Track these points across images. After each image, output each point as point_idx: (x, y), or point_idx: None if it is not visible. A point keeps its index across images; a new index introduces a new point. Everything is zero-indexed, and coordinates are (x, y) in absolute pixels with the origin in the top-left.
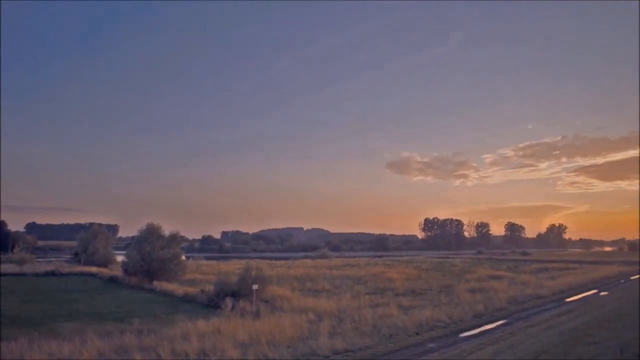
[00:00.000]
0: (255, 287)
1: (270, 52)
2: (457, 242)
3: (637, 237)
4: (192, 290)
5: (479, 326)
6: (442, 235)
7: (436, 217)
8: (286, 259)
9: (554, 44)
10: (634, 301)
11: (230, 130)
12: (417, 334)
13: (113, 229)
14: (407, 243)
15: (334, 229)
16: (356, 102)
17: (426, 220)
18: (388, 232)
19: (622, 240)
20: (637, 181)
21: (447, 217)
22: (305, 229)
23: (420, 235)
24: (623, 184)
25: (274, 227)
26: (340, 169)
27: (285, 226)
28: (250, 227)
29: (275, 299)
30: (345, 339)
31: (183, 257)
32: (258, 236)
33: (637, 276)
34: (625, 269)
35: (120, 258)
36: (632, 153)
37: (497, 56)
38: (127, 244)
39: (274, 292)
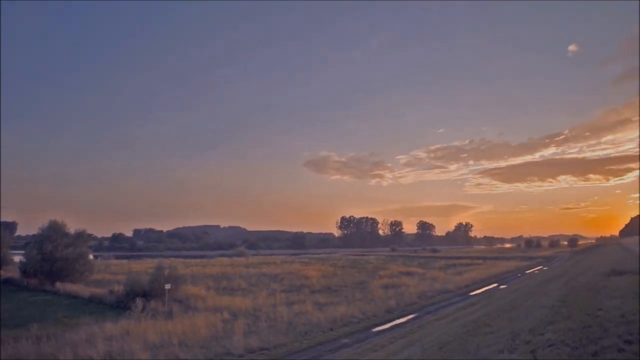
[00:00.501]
0: (168, 286)
1: (189, 44)
2: (372, 240)
3: (533, 235)
4: (99, 291)
5: (391, 321)
6: (358, 233)
7: (352, 216)
8: (202, 257)
9: (464, 51)
10: (527, 292)
11: (146, 125)
12: (332, 330)
13: (10, 227)
14: (324, 241)
15: (251, 226)
16: (276, 100)
17: (343, 218)
18: (306, 230)
19: (520, 237)
20: (535, 184)
21: (362, 216)
22: (222, 227)
23: (337, 233)
24: (522, 186)
25: (190, 224)
26: (259, 167)
27: (201, 224)
28: (165, 225)
29: (189, 298)
30: (260, 337)
31: (90, 257)
32: (173, 234)
33: (532, 270)
34: (522, 264)
35: (18, 258)
36: (529, 158)
37: (413, 61)
38: (26, 243)
39: (188, 291)
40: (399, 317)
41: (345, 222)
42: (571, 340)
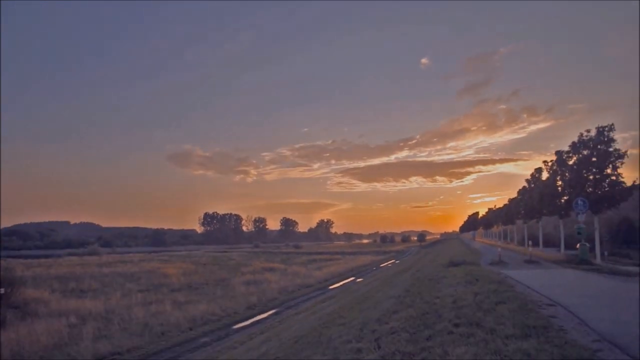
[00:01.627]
0: (1, 291)
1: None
2: (235, 236)
3: (388, 231)
4: None
5: (252, 317)
6: (221, 229)
7: (216, 212)
8: (47, 257)
9: (333, 54)
10: (379, 285)
11: None
12: (191, 329)
13: None
14: (185, 237)
15: (106, 223)
16: (136, 90)
17: (206, 214)
18: (166, 227)
19: (377, 233)
20: (390, 183)
21: (226, 212)
22: (72, 223)
23: (199, 229)
24: (379, 185)
25: (33, 220)
26: (116, 159)
27: (47, 219)
28: (2, 221)
29: (28, 303)
30: (112, 342)
31: None
32: (12, 231)
33: (385, 264)
34: (377, 258)
35: None
36: (385, 159)
37: (281, 59)
38: None
39: (28, 295)
40: (260, 313)
41: (208, 219)
42: (410, 327)
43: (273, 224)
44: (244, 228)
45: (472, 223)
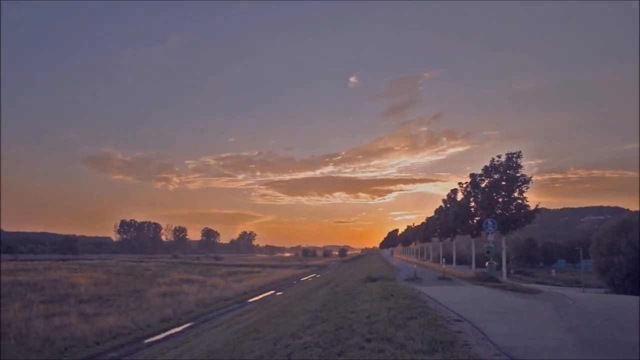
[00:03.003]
0: None
1: None
2: (153, 246)
3: (310, 245)
4: None
5: (166, 330)
6: (139, 238)
7: (134, 220)
8: None
9: (263, 67)
10: (298, 299)
11: None
12: (98, 343)
13: None
14: (99, 245)
15: (9, 227)
16: (47, 88)
17: (122, 222)
18: (78, 233)
19: (299, 247)
20: (314, 197)
21: (145, 220)
22: None
23: (115, 237)
24: (303, 199)
25: None
26: (24, 159)
27: None
28: None
29: None
30: (5, 358)
31: None
32: None
33: (306, 277)
34: (298, 272)
35: None
36: (310, 174)
37: (210, 67)
38: None
39: None
40: (174, 327)
41: (125, 226)
42: (324, 342)
43: (194, 234)
44: (163, 237)
45: (392, 240)
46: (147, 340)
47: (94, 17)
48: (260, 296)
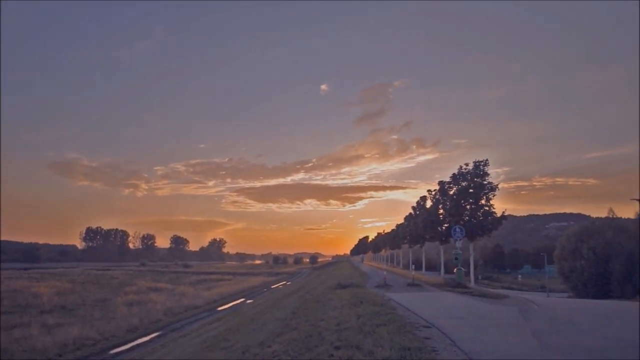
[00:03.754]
0: None
1: None
2: (120, 254)
3: (281, 252)
4: None
5: (132, 340)
6: (105, 246)
7: (100, 227)
8: None
9: (236, 72)
10: (268, 306)
11: None
12: (60, 355)
13: None
14: (63, 254)
15: None
16: (11, 90)
17: (88, 229)
18: (42, 241)
19: (270, 254)
20: (285, 204)
21: (112, 227)
22: None
23: (80, 245)
24: (274, 206)
25: None
26: None
27: None
28: None
29: None
30: None
31: None
32: None
33: (277, 285)
34: (269, 279)
35: None
36: (282, 180)
37: (179, 72)
38: None
39: None
40: (142, 336)
41: (91, 234)
42: (293, 350)
43: (162, 242)
44: (131, 245)
45: (363, 246)
46: (112, 351)
47: (61, 20)
48: (230, 304)
